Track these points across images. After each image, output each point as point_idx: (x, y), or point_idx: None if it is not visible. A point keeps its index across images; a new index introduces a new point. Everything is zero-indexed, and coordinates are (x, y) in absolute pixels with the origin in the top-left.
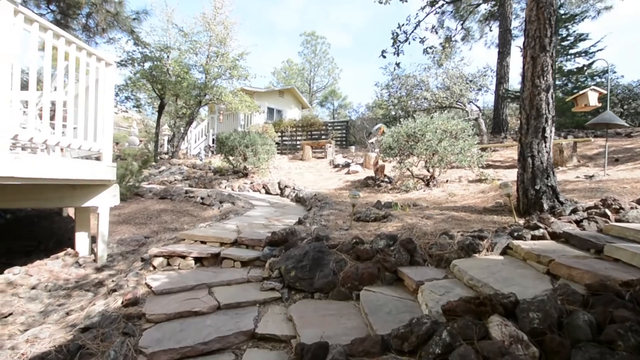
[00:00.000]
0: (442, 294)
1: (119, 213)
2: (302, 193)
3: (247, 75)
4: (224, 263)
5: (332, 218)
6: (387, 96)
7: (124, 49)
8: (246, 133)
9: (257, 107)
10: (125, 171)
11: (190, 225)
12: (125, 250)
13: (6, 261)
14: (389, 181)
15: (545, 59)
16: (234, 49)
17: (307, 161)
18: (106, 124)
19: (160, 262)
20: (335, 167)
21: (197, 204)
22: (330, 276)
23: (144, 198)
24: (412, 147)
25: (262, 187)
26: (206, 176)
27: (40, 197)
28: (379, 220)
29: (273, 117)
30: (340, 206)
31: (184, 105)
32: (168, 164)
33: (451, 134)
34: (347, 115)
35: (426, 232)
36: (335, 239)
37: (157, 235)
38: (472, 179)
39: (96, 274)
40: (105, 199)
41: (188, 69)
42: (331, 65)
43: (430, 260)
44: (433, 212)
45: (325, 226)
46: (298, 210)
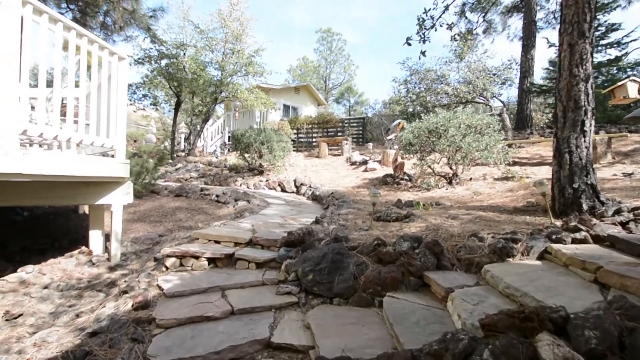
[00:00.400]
0: (475, 303)
1: (134, 211)
2: (318, 191)
3: (263, 72)
4: (238, 264)
5: (351, 217)
6: (405, 92)
7: (141, 47)
8: (262, 130)
9: (272, 103)
10: (141, 169)
11: (204, 224)
12: (139, 249)
13: (21, 259)
14: (409, 179)
15: (584, 46)
16: (249, 45)
17: (323, 158)
18: (119, 119)
19: (172, 263)
20: (352, 164)
21: (212, 201)
22: (350, 280)
23: (160, 195)
24: (434, 144)
25: (278, 185)
26: (222, 174)
27: (52, 195)
28: (400, 220)
29: (289, 114)
30: (358, 205)
31: (200, 102)
32: (184, 162)
33: (476, 129)
34: (364, 112)
35: (453, 233)
36: (355, 240)
37: (172, 234)
38: (498, 176)
39: (109, 274)
40: (118, 196)
41: (204, 66)
42: (347, 61)
43: (459, 264)
44: (458, 212)
45: (344, 226)
46: (315, 209)
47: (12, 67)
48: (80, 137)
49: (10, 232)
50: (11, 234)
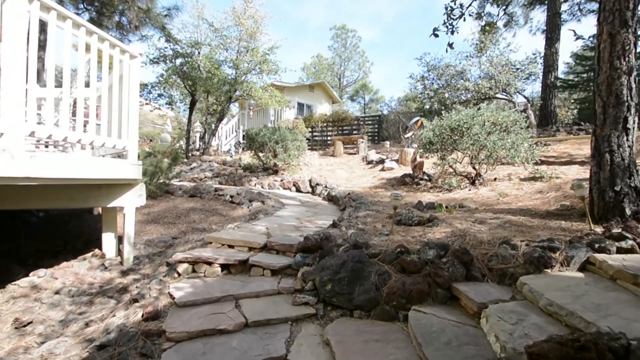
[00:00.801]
0: (514, 322)
1: (149, 212)
2: (334, 191)
3: (277, 70)
4: (252, 271)
5: (370, 221)
6: (422, 88)
7: (156, 46)
8: (276, 129)
9: (287, 102)
10: (155, 169)
11: (218, 226)
12: (152, 251)
13: (34, 262)
14: (429, 179)
15: (626, 36)
16: (263, 43)
17: (339, 157)
18: (131, 120)
19: (185, 269)
20: (368, 163)
21: (226, 202)
22: (372, 291)
23: (174, 196)
24: (456, 142)
25: (293, 185)
26: (236, 173)
27: (63, 198)
28: (423, 225)
29: (303, 112)
30: (377, 207)
31: (214, 101)
32: (199, 161)
33: (501, 126)
34: (379, 110)
35: (482, 240)
36: (376, 246)
37: (185, 236)
38: (524, 176)
39: (121, 278)
40: (130, 199)
41: (219, 64)
42: (362, 58)
43: (490, 275)
44: (485, 216)
45: (363, 230)
46: (331, 210)
47: (17, 66)
48: (90, 139)
49: (25, 234)
50: (25, 235)
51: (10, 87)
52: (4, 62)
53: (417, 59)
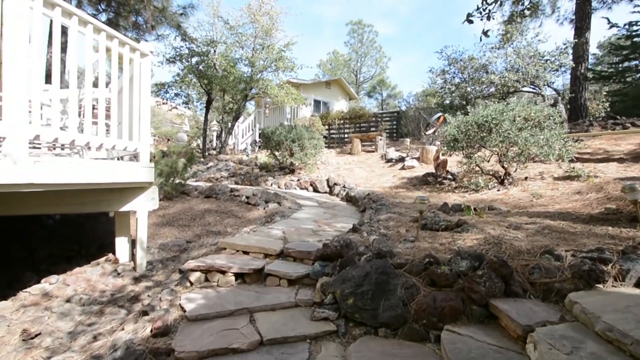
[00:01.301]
0: (568, 352)
1: (164, 214)
2: (353, 192)
3: (293, 67)
4: (268, 280)
5: (392, 225)
6: (442, 83)
7: (172, 46)
8: (292, 127)
9: (303, 99)
10: (170, 169)
11: (234, 228)
12: (166, 256)
13: (47, 268)
14: (453, 178)
15: None
16: (279, 40)
17: (357, 155)
18: (142, 120)
19: (197, 278)
20: (387, 161)
21: (242, 203)
22: (398, 308)
23: (190, 197)
24: (484, 139)
25: (310, 185)
26: (252, 173)
27: (73, 202)
28: (451, 230)
29: (320, 110)
30: (399, 208)
31: (230, 100)
32: (216, 160)
33: (534, 122)
34: (397, 106)
35: (520, 249)
36: (401, 255)
37: (200, 240)
38: (559, 175)
39: (133, 286)
40: (143, 202)
41: (234, 62)
42: (379, 54)
43: (533, 290)
44: (520, 220)
45: (386, 236)
46: (350, 212)
47: (19, 65)
48: (99, 141)
49: (40, 237)
50: (40, 239)
51: (11, 87)
52: (5, 61)
53: (437, 53)
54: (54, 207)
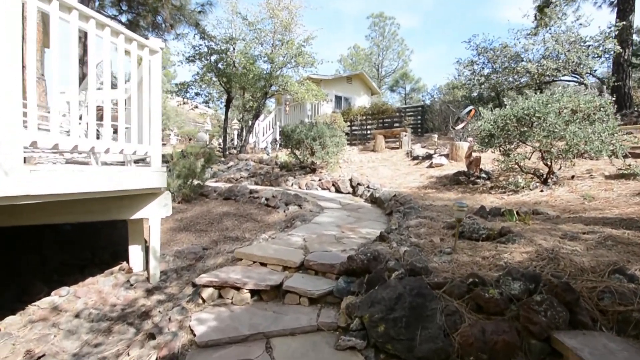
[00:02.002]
0: None
1: (181, 217)
2: (378, 193)
3: (313, 62)
4: (287, 298)
5: (424, 232)
6: (470, 74)
7: (191, 44)
8: (313, 124)
9: (324, 95)
10: (188, 171)
11: (252, 234)
12: (181, 265)
13: (59, 278)
14: (487, 177)
15: None
16: (299, 35)
17: (380, 152)
18: (153, 122)
19: (209, 294)
20: (413, 159)
21: (262, 205)
22: (439, 339)
23: (209, 199)
24: (525, 134)
25: (332, 185)
26: (272, 172)
27: (81, 211)
28: (493, 240)
29: (341, 106)
30: (429, 212)
31: (250, 98)
32: (236, 159)
33: (584, 114)
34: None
35: (582, 266)
36: (438, 271)
37: (217, 247)
38: (610, 173)
39: (145, 299)
40: (155, 209)
41: (254, 60)
42: (401, 47)
43: (604, 319)
44: (575, 228)
45: (418, 246)
46: (375, 215)
47: (11, 65)
48: (105, 146)
49: (55, 244)
50: (55, 246)
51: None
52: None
53: (464, 42)
54: (59, 216)
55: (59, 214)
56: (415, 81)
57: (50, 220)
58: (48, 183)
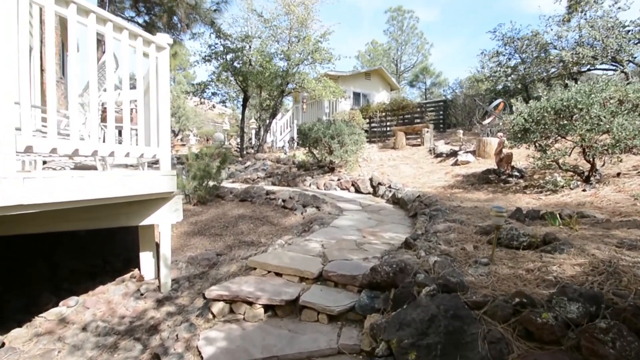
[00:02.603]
0: None
1: (196, 220)
2: (400, 193)
3: (331, 58)
4: (304, 314)
5: (454, 238)
6: (496, 65)
7: (207, 44)
8: (331, 122)
9: (342, 92)
10: (203, 172)
11: (268, 238)
12: (194, 272)
13: (68, 286)
14: (520, 175)
15: None
16: (315, 30)
17: (401, 150)
18: (162, 122)
19: (220, 309)
20: (437, 156)
21: (278, 207)
22: None
23: (224, 200)
24: (565, 128)
25: (351, 185)
26: (290, 172)
27: (87, 218)
28: (536, 248)
29: (359, 102)
30: (458, 215)
31: (267, 96)
32: (253, 159)
33: (633, 104)
34: (442, 94)
35: None
36: (475, 287)
37: (231, 252)
38: None
39: (155, 310)
40: (165, 215)
41: (270, 58)
42: (420, 40)
43: None
44: (630, 234)
45: (449, 255)
46: (398, 217)
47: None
48: (109, 149)
49: (68, 250)
50: (67, 252)
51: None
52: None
53: (489, 32)
54: (62, 224)
55: (62, 222)
56: (436, 75)
57: (52, 228)
58: (45, 191)
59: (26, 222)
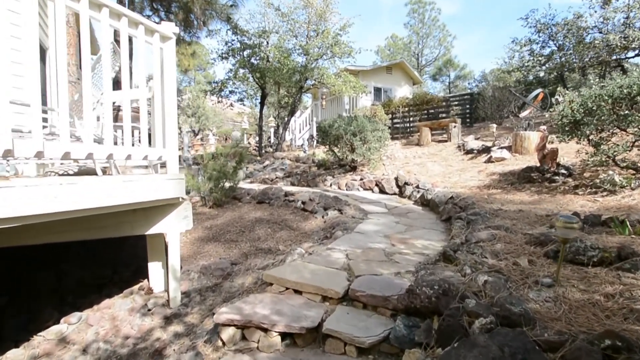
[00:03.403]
0: None
1: (211, 225)
2: (430, 194)
3: (351, 51)
4: (328, 344)
5: (501, 249)
6: (528, 54)
7: (224, 41)
8: (352, 118)
9: (363, 87)
10: (218, 174)
11: (286, 245)
12: (207, 284)
13: (73, 299)
14: (568, 174)
15: None
16: (334, 23)
17: (426, 146)
18: (168, 122)
19: (230, 336)
20: (467, 153)
21: (298, 210)
22: None
23: (241, 202)
24: (626, 119)
25: (375, 185)
26: (309, 172)
27: (90, 227)
28: (610, 265)
29: (380, 98)
30: (501, 220)
31: (285, 93)
32: (272, 158)
33: None
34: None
35: None
36: (543, 319)
37: (247, 261)
38: None
39: (161, 330)
40: (173, 223)
41: (288, 54)
42: (442, 33)
43: None
44: None
45: (500, 272)
46: (428, 221)
47: None
48: (107, 151)
49: (77, 258)
50: (76, 261)
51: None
52: None
53: (520, 19)
54: (65, 234)
55: (57, 233)
56: (461, 68)
57: (47, 239)
58: (25, 202)
59: (18, 235)
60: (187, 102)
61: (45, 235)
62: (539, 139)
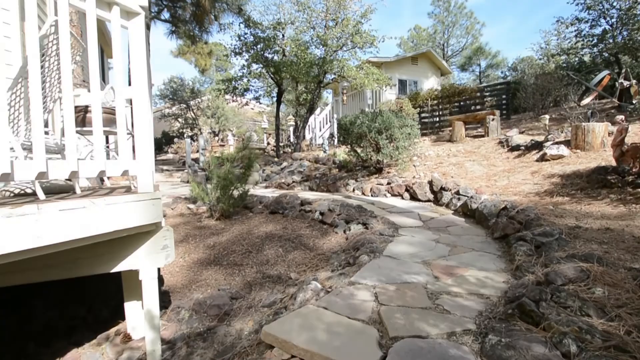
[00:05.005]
0: None
1: (214, 243)
2: (475, 202)
3: (373, 40)
4: None
5: (603, 296)
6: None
7: (237, 35)
8: (377, 114)
9: (387, 79)
10: (225, 181)
11: (299, 270)
12: (198, 328)
13: (35, 348)
14: None
15: None
16: (355, 11)
17: (460, 143)
18: (138, 124)
19: None
20: (511, 149)
21: (315, 222)
22: None
23: (252, 212)
24: None
25: (405, 190)
26: (329, 174)
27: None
28: None
29: (406, 91)
30: (584, 243)
31: (304, 89)
32: (290, 159)
33: None
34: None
35: None
36: None
37: (250, 294)
38: None
39: None
40: (146, 256)
41: (306, 47)
42: (470, 21)
43: None
44: None
45: (623, 350)
46: (477, 240)
47: None
48: (36, 169)
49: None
50: (47, 297)
51: None
52: None
53: None
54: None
55: (12, 273)
56: (492, 56)
57: (6, 282)
58: None
59: None
60: (206, 102)
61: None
62: (615, 132)
